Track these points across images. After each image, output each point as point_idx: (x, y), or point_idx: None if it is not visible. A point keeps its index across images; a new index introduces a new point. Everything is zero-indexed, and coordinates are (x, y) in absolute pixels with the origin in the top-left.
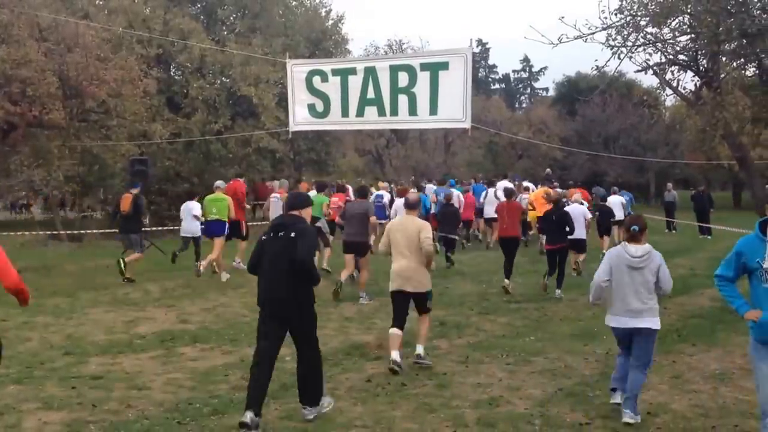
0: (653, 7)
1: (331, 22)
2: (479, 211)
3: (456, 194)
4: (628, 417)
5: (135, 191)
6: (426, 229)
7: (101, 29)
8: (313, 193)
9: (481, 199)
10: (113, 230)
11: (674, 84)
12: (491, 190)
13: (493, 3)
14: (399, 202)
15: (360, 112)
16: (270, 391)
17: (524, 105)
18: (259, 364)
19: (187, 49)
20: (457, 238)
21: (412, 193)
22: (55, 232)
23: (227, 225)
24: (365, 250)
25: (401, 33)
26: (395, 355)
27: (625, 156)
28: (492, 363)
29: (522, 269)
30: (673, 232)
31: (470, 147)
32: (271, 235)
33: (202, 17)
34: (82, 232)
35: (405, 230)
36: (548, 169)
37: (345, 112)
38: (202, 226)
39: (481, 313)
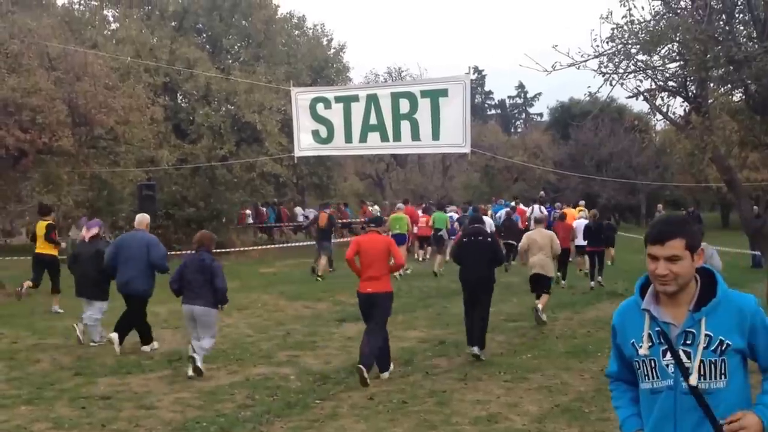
0: (643, 35)
1: (332, 50)
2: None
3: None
4: None
5: (329, 211)
6: (555, 238)
7: (109, 59)
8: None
9: (528, 213)
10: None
11: (664, 109)
12: (536, 206)
13: (488, 32)
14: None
15: (363, 138)
16: (275, 409)
17: (519, 130)
18: (467, 317)
19: (193, 78)
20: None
21: (539, 213)
22: (65, 256)
23: (408, 237)
24: None
25: (400, 61)
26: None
27: (617, 178)
28: (490, 380)
29: (518, 289)
30: None
31: (467, 170)
32: (471, 238)
33: (207, 46)
34: None
35: (541, 236)
36: (542, 192)
37: (348, 138)
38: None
39: None
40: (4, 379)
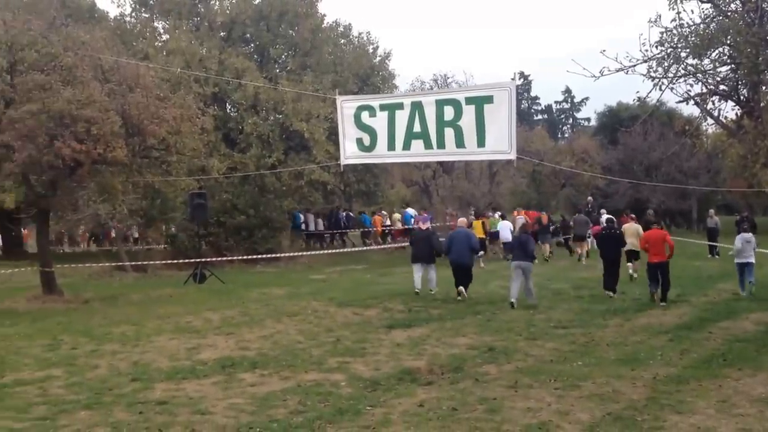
0: (693, 38)
1: (378, 58)
2: None
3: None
4: (745, 293)
5: (543, 213)
6: (640, 228)
7: (160, 70)
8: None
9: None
10: (174, 260)
11: (715, 114)
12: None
13: (534, 37)
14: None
15: (407, 146)
16: (326, 415)
17: (566, 135)
18: (605, 273)
19: (242, 87)
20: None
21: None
22: (120, 264)
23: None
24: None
25: (446, 67)
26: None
27: (667, 183)
28: (541, 388)
29: (566, 295)
30: (716, 257)
31: (514, 176)
32: (609, 231)
33: (255, 56)
34: (146, 263)
35: (632, 228)
36: (590, 197)
37: (392, 146)
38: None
39: (528, 338)
40: (64, 384)
